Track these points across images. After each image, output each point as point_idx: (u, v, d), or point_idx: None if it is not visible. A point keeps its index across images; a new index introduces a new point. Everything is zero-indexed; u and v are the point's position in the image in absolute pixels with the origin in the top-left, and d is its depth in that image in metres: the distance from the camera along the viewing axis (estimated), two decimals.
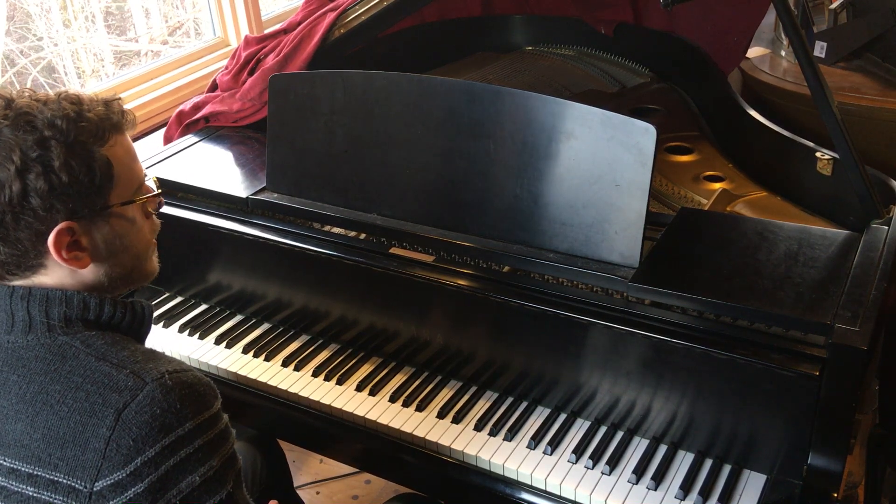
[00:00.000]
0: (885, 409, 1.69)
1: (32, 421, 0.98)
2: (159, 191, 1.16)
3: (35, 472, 0.98)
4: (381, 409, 1.53)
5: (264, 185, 1.74)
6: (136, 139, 2.33)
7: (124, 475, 0.95)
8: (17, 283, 1.06)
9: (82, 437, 0.96)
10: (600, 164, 1.40)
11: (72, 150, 1.01)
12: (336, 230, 1.67)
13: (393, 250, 1.58)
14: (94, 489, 0.95)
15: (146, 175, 1.16)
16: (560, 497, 1.37)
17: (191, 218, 1.75)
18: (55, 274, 1.07)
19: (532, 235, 1.48)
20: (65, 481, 0.96)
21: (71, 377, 0.99)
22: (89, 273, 1.08)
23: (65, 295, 1.05)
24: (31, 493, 0.98)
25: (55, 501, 0.97)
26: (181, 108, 2.12)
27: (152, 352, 1.06)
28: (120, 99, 1.12)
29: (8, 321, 1.04)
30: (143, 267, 1.16)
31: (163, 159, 1.90)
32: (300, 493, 2.26)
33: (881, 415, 1.69)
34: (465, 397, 1.55)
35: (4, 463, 1.00)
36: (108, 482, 0.95)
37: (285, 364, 1.66)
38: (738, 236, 1.48)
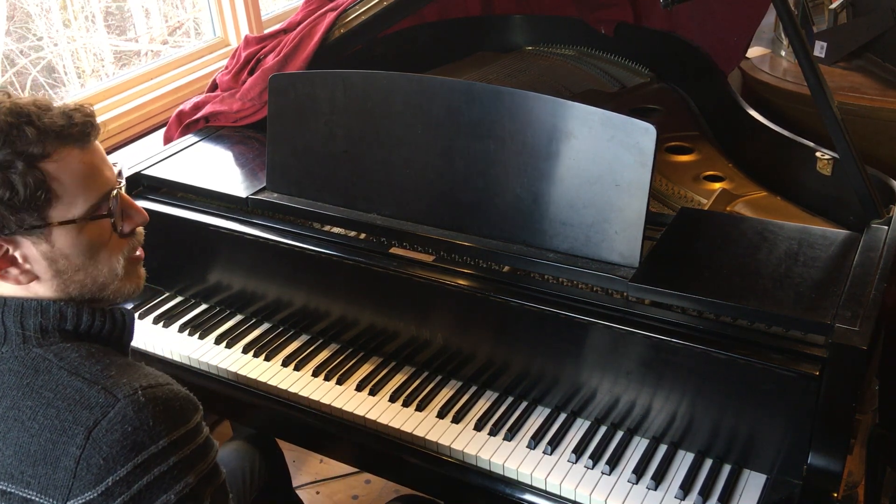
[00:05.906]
0: (885, 409, 1.69)
1: (4, 437, 0.96)
2: (107, 213, 1.05)
3: (8, 490, 0.96)
4: (381, 409, 1.53)
5: (264, 185, 1.74)
6: (137, 139, 2.36)
7: (95, 495, 0.92)
8: None
9: (53, 456, 0.94)
10: (600, 164, 1.40)
11: None
12: (336, 230, 1.67)
13: (393, 250, 1.58)
14: None
15: (115, 187, 1.06)
16: (560, 497, 1.37)
17: (191, 218, 1.75)
18: (3, 286, 1.03)
19: (532, 235, 1.48)
20: (37, 499, 0.95)
21: (42, 392, 0.96)
22: (41, 290, 1.04)
23: (40, 305, 1.03)
24: None
25: None
26: (181, 107, 2.12)
27: (129, 364, 1.02)
28: (84, 107, 1.04)
29: None
30: (117, 286, 1.10)
31: (163, 159, 1.91)
32: (300, 493, 2.26)
33: (881, 415, 1.69)
34: (465, 397, 1.55)
35: None
36: (80, 501, 0.93)
37: (285, 364, 1.66)
38: (738, 236, 1.48)
